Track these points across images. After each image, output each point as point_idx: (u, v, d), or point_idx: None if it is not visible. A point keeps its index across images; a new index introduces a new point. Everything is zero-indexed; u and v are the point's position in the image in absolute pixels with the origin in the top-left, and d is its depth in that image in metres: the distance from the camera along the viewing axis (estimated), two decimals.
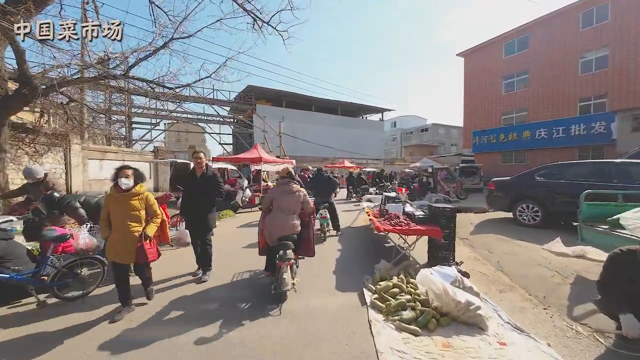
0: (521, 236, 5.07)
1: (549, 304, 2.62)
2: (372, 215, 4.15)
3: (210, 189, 3.55)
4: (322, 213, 5.69)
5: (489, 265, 3.72)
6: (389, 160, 33.62)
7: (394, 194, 5.43)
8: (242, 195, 8.44)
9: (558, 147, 16.59)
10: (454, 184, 11.01)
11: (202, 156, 3.60)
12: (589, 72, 15.69)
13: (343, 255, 4.34)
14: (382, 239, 5.32)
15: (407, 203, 4.38)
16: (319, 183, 6.20)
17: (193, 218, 3.58)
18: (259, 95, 28.75)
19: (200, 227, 3.57)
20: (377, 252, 4.50)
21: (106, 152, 11.92)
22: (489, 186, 6.80)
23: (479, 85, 21.49)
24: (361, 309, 2.59)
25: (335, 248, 4.83)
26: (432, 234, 3.28)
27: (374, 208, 4.99)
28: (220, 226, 7.07)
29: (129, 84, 7.81)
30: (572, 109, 16.33)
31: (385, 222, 3.63)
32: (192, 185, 3.56)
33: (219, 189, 3.60)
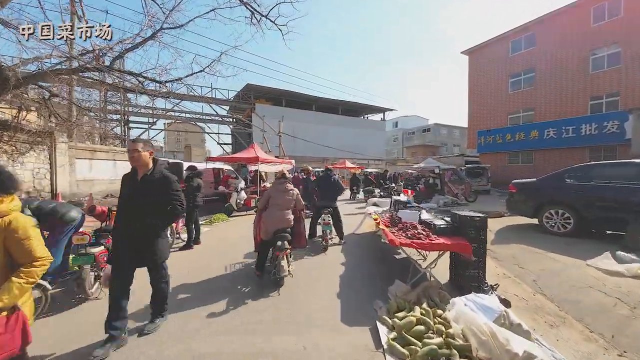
0: (552, 247, 4.47)
1: (622, 347, 2.02)
2: (382, 223, 3.55)
3: (157, 200, 2.29)
4: (325, 218, 5.10)
5: (523, 285, 3.12)
6: (390, 161, 33.01)
7: (405, 198, 4.82)
8: (236, 198, 7.83)
9: (567, 148, 15.99)
10: (462, 185, 10.40)
11: (139, 147, 2.27)
12: (601, 69, 15.08)
13: (348, 271, 3.75)
14: (392, 249, 4.72)
15: (423, 209, 3.78)
16: (326, 185, 5.62)
17: (130, 243, 2.25)
18: (258, 95, 28.18)
19: (140, 258, 2.31)
20: (388, 267, 3.91)
21: (96, 152, 11.33)
22: (510, 189, 6.17)
23: (484, 83, 20.90)
24: (376, 355, 1.99)
25: (338, 261, 4.25)
26: (460, 249, 2.68)
27: (382, 214, 4.39)
28: (210, 233, 6.46)
29: (116, 78, 7.21)
30: (583, 108, 15.72)
31: (400, 233, 3.03)
32: (131, 192, 2.29)
33: (174, 200, 2.31)
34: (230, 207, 7.85)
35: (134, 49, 6.96)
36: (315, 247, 5.27)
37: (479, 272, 2.80)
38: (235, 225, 7.23)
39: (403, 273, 3.56)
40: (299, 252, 5.02)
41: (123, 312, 2.20)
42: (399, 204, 4.42)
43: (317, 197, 5.81)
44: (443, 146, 40.99)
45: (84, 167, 10.85)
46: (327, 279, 3.50)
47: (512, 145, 18.58)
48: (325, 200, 5.49)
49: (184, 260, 4.33)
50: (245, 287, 3.27)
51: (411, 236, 2.86)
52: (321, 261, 4.40)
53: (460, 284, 2.97)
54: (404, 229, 3.10)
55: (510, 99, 19.23)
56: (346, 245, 5.24)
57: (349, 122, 32.12)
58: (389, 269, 3.71)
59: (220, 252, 4.82)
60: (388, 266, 3.91)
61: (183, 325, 2.43)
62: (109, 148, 12.21)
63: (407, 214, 3.47)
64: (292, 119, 26.66)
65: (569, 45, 16.14)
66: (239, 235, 6.07)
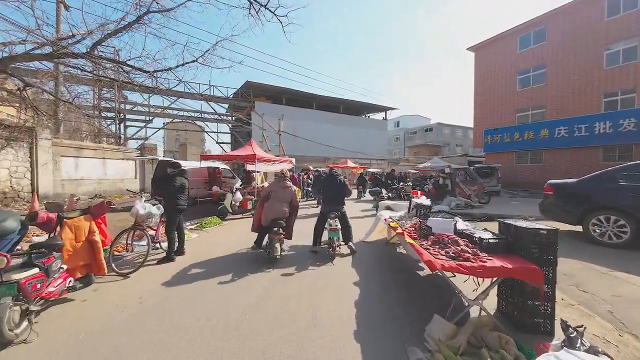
0: (613, 263, 3.75)
1: None
2: (406, 234, 2.84)
3: None
4: (331, 224, 4.45)
5: (597, 318, 2.37)
6: (393, 161, 32.32)
7: (427, 200, 4.09)
8: (231, 199, 7.11)
9: (579, 147, 15.34)
10: (475, 186, 9.69)
11: None
12: (616, 64, 14.41)
13: (363, 295, 3.03)
14: (413, 263, 4.01)
15: (458, 217, 3.07)
16: (330, 187, 4.95)
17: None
18: (257, 93, 27.48)
19: None
20: (415, 288, 3.20)
21: (83, 149, 10.62)
22: (546, 191, 5.41)
23: (490, 81, 20.22)
24: None
25: (350, 279, 3.54)
26: (527, 275, 1.94)
27: (401, 221, 3.68)
28: (199, 240, 5.73)
29: (96, 66, 6.49)
30: (596, 105, 15.04)
31: (436, 250, 2.32)
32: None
33: None
34: (224, 209, 7.13)
35: (116, 34, 6.25)
36: (320, 256, 4.60)
37: (547, 306, 2.10)
38: (230, 231, 6.51)
39: (434, 298, 2.85)
40: (303, 261, 4.39)
41: None
42: (421, 209, 3.71)
43: (322, 200, 5.15)
44: (445, 146, 40.34)
45: (70, 165, 10.14)
46: (337, 302, 2.81)
47: (520, 144, 17.91)
48: (332, 204, 4.83)
49: (159, 276, 3.63)
50: (241, 319, 2.55)
51: (455, 256, 2.16)
52: (328, 275, 3.73)
53: (514, 318, 2.26)
54: (440, 245, 2.39)
55: (519, 96, 18.56)
56: (356, 257, 4.55)
57: (350, 121, 31.43)
58: (419, 294, 3.00)
59: (208, 265, 4.10)
60: (415, 288, 3.20)
61: None
62: (97, 145, 11.51)
63: (439, 223, 2.74)
64: (293, 118, 25.97)
65: (581, 39, 15.47)
66: (234, 243, 5.34)
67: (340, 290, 3.17)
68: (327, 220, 4.68)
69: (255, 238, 4.63)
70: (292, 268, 4.07)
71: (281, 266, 4.12)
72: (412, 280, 3.44)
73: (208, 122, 27.55)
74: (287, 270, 3.95)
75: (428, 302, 2.72)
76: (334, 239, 4.47)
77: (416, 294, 3.03)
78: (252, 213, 8.03)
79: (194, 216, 7.60)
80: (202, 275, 3.66)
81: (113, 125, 22.03)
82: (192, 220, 7.16)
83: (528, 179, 17.51)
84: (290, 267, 4.08)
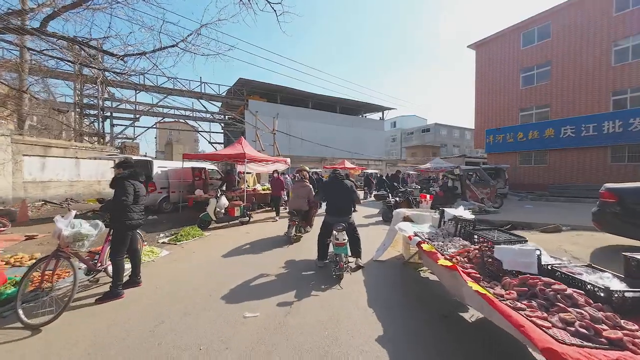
0: None
1: None
2: (461, 271, 1.84)
3: None
4: (337, 237, 3.64)
5: None
6: (391, 162, 31.57)
7: (468, 212, 3.10)
8: (215, 205, 6.07)
9: (587, 147, 14.74)
10: (487, 188, 8.86)
11: None
12: (625, 61, 13.83)
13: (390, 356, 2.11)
14: (448, 295, 3.11)
15: (536, 247, 2.07)
16: (335, 193, 4.13)
17: None
18: (251, 90, 26.46)
19: None
20: (468, 344, 2.29)
21: (51, 147, 9.45)
22: (603, 197, 4.46)
23: (492, 79, 19.58)
24: None
25: (365, 323, 2.60)
26: None
27: (436, 242, 2.76)
28: (168, 260, 4.72)
29: (47, 43, 5.44)
30: (604, 104, 14.44)
31: (533, 309, 1.36)
32: None
33: None
34: (207, 217, 6.09)
35: (73, 8, 5.22)
36: (324, 276, 3.74)
37: None
38: (211, 244, 5.43)
39: (486, 349, 1.93)
40: (304, 282, 3.55)
41: None
42: (462, 224, 2.76)
43: (326, 209, 4.26)
44: (443, 147, 39.82)
45: (35, 166, 9.00)
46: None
47: (524, 144, 17.28)
48: (337, 213, 3.98)
49: (93, 324, 2.53)
50: None
51: (587, 332, 1.18)
52: (334, 312, 2.79)
53: None
54: (535, 299, 1.42)
55: (522, 94, 17.93)
56: (369, 277, 3.65)
57: (347, 121, 30.60)
58: (461, 342, 2.09)
59: (173, 301, 3.10)
60: (461, 338, 2.29)
61: None
62: (69, 144, 10.35)
63: (513, 254, 1.80)
64: (288, 117, 25.03)
65: (588, 36, 14.89)
66: (212, 264, 4.35)
67: (353, 345, 2.24)
68: (333, 232, 3.81)
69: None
70: (291, 294, 3.21)
71: (278, 291, 3.28)
72: (461, 331, 2.43)
73: (200, 122, 26.42)
74: (285, 298, 3.09)
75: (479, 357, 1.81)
76: (342, 256, 3.64)
77: (461, 342, 2.12)
78: (242, 221, 7.05)
79: (173, 225, 6.58)
80: (164, 321, 2.64)
81: (103, 124, 20.74)
82: (170, 230, 6.14)
83: (532, 181, 16.88)
84: (288, 292, 3.25)
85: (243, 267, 4.14)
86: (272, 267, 4.19)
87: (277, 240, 5.75)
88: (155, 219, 7.38)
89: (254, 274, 3.85)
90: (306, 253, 4.83)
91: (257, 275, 3.81)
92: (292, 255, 4.74)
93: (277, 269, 4.13)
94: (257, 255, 4.75)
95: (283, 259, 4.54)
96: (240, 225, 6.94)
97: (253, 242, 5.61)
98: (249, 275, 3.80)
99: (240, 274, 3.86)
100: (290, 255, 4.78)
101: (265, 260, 4.52)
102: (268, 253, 4.90)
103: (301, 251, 4.98)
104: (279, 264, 4.35)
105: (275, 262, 4.39)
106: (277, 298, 3.09)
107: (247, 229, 6.66)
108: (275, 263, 4.36)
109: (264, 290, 3.32)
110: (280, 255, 4.78)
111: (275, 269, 4.12)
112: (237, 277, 3.75)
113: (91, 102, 20.61)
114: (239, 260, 4.48)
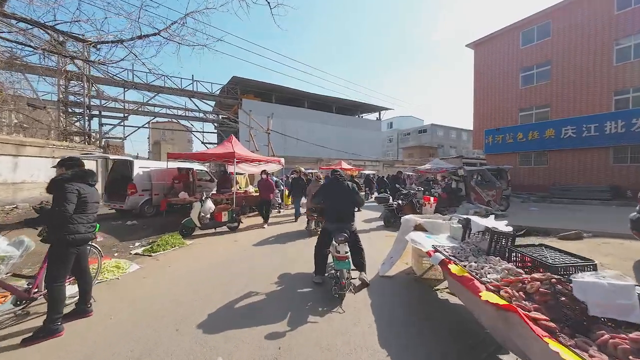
0: None
1: None
2: (522, 313, 1.25)
3: None
4: (339, 250, 3.13)
5: None
6: (388, 162, 31.16)
7: (503, 223, 2.48)
8: (199, 209, 5.41)
9: (588, 148, 14.45)
10: (493, 190, 8.38)
11: None
12: (627, 60, 13.57)
13: None
14: (465, 315, 2.57)
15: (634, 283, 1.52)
16: (335, 196, 3.58)
17: None
18: (245, 90, 25.78)
19: None
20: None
21: (24, 146, 8.68)
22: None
23: (491, 79, 19.28)
24: None
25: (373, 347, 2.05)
26: None
27: (457, 255, 2.21)
28: (136, 277, 4.09)
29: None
30: (606, 104, 14.17)
31: None
32: None
33: None
34: (190, 223, 5.43)
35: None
36: (322, 294, 3.25)
37: None
38: (192, 256, 4.75)
39: None
40: (298, 304, 3.01)
41: None
42: (499, 238, 2.20)
43: (325, 215, 3.72)
44: (440, 147, 39.60)
45: (6, 165, 8.23)
46: None
47: (524, 145, 16.97)
48: (338, 219, 3.42)
49: None
50: None
51: None
52: (335, 342, 2.24)
53: None
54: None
55: (522, 94, 17.63)
56: (377, 301, 3.09)
57: (343, 121, 30.11)
58: None
59: (129, 339, 2.49)
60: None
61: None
62: (45, 142, 9.59)
63: (600, 290, 1.21)
64: (283, 116, 24.42)
65: (589, 35, 14.62)
66: (194, 284, 3.73)
67: None
68: (333, 243, 3.26)
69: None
70: (284, 322, 2.65)
71: (268, 317, 2.76)
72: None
73: (193, 121, 25.64)
74: (275, 327, 2.55)
75: None
76: (344, 272, 3.08)
77: None
78: (230, 227, 6.40)
79: (153, 231, 5.91)
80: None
81: (89, 123, 19.84)
82: (148, 237, 5.48)
83: (532, 182, 16.55)
84: (280, 318, 2.71)
85: (226, 284, 3.55)
86: (262, 282, 3.60)
87: (269, 249, 5.15)
88: (134, 225, 6.68)
89: (238, 293, 3.27)
90: (301, 264, 4.26)
91: (242, 295, 3.23)
92: (287, 268, 4.17)
93: (267, 284, 3.55)
94: (245, 268, 4.17)
95: (276, 273, 3.96)
96: (229, 232, 6.31)
97: (241, 251, 5.01)
98: (232, 295, 3.21)
99: (222, 293, 3.28)
100: (284, 267, 4.20)
101: (255, 273, 3.93)
102: (258, 264, 4.31)
103: (296, 262, 4.41)
104: (270, 278, 3.77)
105: (266, 276, 3.80)
106: (264, 328, 2.51)
107: (236, 236, 6.07)
108: (266, 277, 3.78)
109: (249, 316, 2.74)
110: (272, 267, 4.20)
111: (265, 284, 3.54)
112: (218, 297, 3.16)
113: (78, 100, 19.74)
114: (222, 275, 3.89)
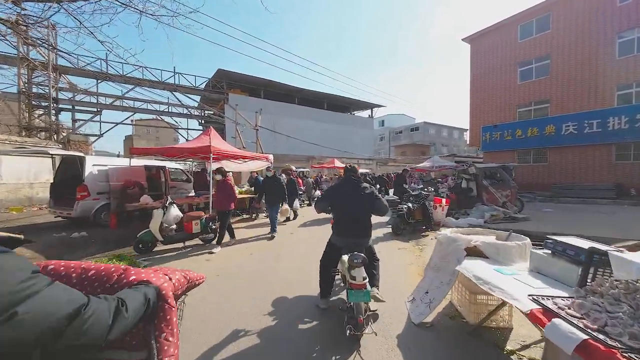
0: None
1: None
2: None
3: None
4: (354, 276, 2.16)
5: None
6: (382, 161, 30.37)
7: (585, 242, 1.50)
8: (160, 219, 4.09)
9: (589, 145, 13.98)
10: (508, 190, 7.52)
11: None
12: (630, 54, 13.12)
13: None
14: None
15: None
16: (348, 202, 2.63)
17: None
18: (232, 84, 24.32)
19: None
20: None
21: None
22: None
23: (488, 74, 18.67)
24: None
25: None
26: None
27: (586, 317, 1.19)
28: None
29: None
30: (608, 99, 13.70)
31: None
32: None
33: None
34: (148, 236, 4.13)
35: None
36: (331, 329, 2.26)
37: None
38: None
39: None
40: (300, 356, 1.82)
41: None
42: (622, 266, 1.22)
43: (333, 226, 2.65)
44: (432, 145, 39.25)
45: None
46: None
47: (522, 142, 16.43)
48: (351, 234, 2.54)
49: None
50: None
51: None
52: None
53: None
54: None
55: (520, 90, 17.07)
56: (407, 353, 2.02)
57: (334, 118, 29.09)
58: None
59: None
60: None
61: None
62: (6, 137, 7.99)
63: None
64: (272, 113, 23.13)
65: (591, 27, 14.12)
66: None
67: None
68: (345, 262, 2.21)
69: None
70: None
71: None
72: None
73: (176, 118, 23.98)
74: None
75: None
76: (361, 305, 2.10)
77: None
78: (203, 240, 4.88)
79: (104, 246, 4.63)
80: None
81: (57, 117, 17.95)
82: (95, 255, 4.20)
83: (531, 180, 16.01)
84: None
85: (186, 329, 2.38)
86: (247, 317, 2.49)
87: (254, 269, 3.99)
88: (83, 237, 5.34)
89: (209, 343, 2.13)
90: (303, 285, 3.15)
91: (214, 345, 2.09)
92: (283, 290, 3.05)
93: (255, 320, 2.48)
94: (219, 298, 2.99)
95: (269, 298, 2.88)
96: (202, 247, 4.70)
97: (215, 273, 3.82)
98: (200, 347, 2.06)
99: (189, 344, 2.12)
100: (278, 289, 3.08)
101: (235, 304, 2.80)
102: (241, 290, 3.15)
103: (293, 282, 3.29)
104: (260, 308, 2.67)
105: (254, 307, 2.69)
106: None
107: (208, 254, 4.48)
108: (254, 309, 2.66)
109: None
110: (262, 292, 3.08)
111: (252, 321, 2.45)
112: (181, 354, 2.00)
113: (44, 91, 17.81)
114: (190, 316, 2.71)
